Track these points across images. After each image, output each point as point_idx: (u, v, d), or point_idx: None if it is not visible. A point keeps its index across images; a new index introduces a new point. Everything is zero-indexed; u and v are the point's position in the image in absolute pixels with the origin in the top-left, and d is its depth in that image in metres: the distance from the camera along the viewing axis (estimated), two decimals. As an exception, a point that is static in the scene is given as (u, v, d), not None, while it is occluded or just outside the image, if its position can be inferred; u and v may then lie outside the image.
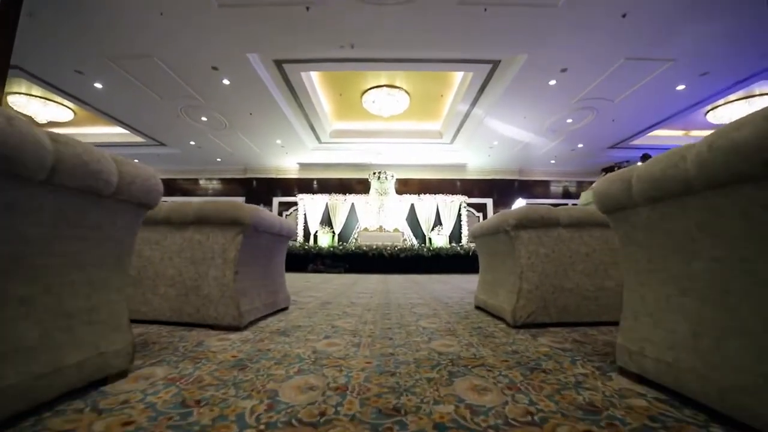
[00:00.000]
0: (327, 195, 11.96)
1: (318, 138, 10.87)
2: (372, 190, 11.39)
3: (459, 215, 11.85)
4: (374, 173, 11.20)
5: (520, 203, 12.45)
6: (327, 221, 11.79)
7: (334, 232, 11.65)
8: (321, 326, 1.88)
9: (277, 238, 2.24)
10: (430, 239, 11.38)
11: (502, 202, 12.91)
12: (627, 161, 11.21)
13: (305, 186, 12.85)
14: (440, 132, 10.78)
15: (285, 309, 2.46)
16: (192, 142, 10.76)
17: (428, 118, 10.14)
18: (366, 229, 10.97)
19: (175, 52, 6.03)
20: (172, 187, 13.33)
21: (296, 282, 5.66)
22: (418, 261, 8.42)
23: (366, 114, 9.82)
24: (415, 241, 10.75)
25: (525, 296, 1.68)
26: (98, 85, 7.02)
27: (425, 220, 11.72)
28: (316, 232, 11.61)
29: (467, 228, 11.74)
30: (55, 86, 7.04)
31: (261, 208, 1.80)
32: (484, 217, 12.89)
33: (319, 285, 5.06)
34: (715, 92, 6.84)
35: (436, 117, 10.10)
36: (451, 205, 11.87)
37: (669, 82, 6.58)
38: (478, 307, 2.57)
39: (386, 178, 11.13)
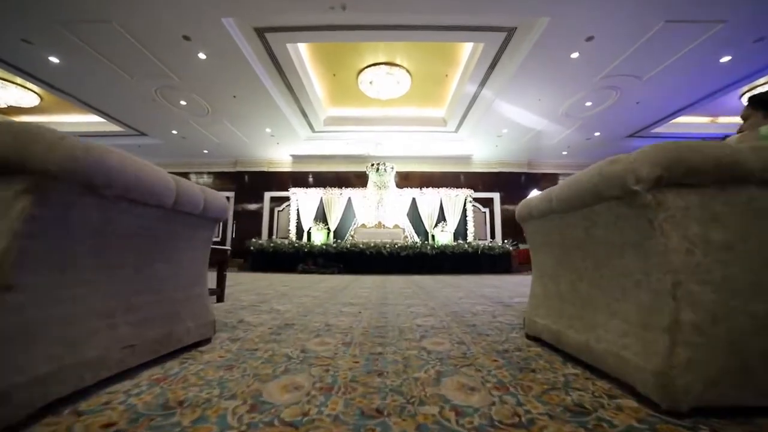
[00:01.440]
0: (322, 189, 11.09)
1: (311, 126, 10.00)
2: (370, 184, 10.51)
3: (464, 210, 10.97)
4: (372, 165, 10.32)
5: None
6: (322, 217, 10.92)
7: (329, 229, 10.78)
8: (225, 404, 0.92)
9: (181, 219, 1.32)
10: (433, 236, 10.52)
11: (511, 197, 12.03)
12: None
13: (299, 180, 11.97)
14: (444, 119, 9.90)
15: (201, 344, 1.52)
16: (174, 131, 9.89)
17: (431, 103, 9.27)
18: (363, 226, 10.11)
19: (138, 16, 5.15)
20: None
21: (273, 285, 4.79)
22: (420, 260, 7.56)
23: (363, 98, 8.94)
24: (417, 239, 9.89)
25: (690, 340, 0.79)
26: (54, 59, 6.13)
27: (428, 216, 10.85)
28: (310, 228, 10.74)
29: (473, 224, 10.88)
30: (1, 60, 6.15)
31: (112, 150, 0.90)
32: (491, 213, 12.03)
33: (300, 290, 4.18)
34: (765, 65, 5.95)
35: (440, 102, 9.22)
36: (455, 199, 11.00)
37: (712, 52, 5.68)
38: (534, 338, 1.63)
39: (385, 170, 10.26)
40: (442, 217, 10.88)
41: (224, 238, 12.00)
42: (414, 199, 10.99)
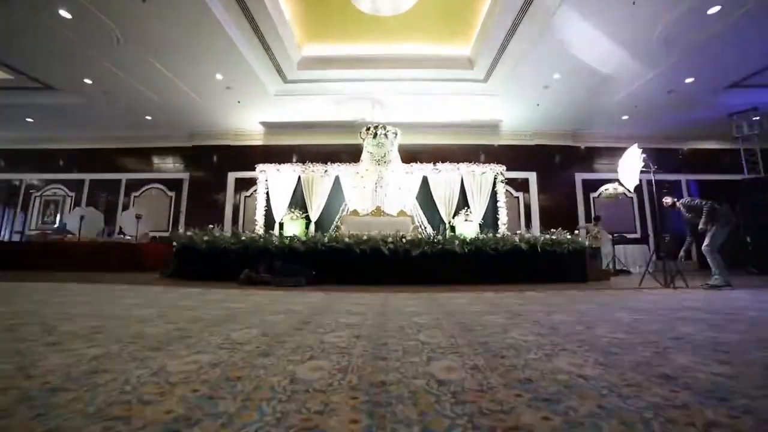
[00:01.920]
0: (300, 166, 8.19)
1: (281, 72, 7.11)
2: (365, 156, 7.62)
3: (494, 193, 8.07)
4: (367, 129, 7.44)
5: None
6: (300, 203, 8.03)
7: (308, 219, 7.89)
8: None
9: None
10: (453, 228, 7.63)
11: (551, 178, 9.13)
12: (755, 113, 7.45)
13: (274, 156, 9.05)
14: (470, 59, 7.00)
15: None
16: (87, 80, 7.00)
17: (453, 34, 6.39)
18: (356, 213, 7.20)
19: None
20: (99, 161, 9.58)
21: (153, 326, 1.87)
22: (444, 263, 4.66)
23: (353, 24, 6.05)
24: (431, 230, 7.03)
25: None
26: None
27: (445, 201, 7.95)
28: (283, 218, 7.84)
29: (506, 211, 7.97)
30: None
31: None
32: (526, 198, 9.11)
33: (158, 345, 1.24)
34: None
35: (465, 31, 6.33)
36: (482, 178, 8.10)
37: None
38: None
39: (386, 135, 7.37)
40: (464, 203, 7.99)
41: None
42: (425, 179, 8.10)
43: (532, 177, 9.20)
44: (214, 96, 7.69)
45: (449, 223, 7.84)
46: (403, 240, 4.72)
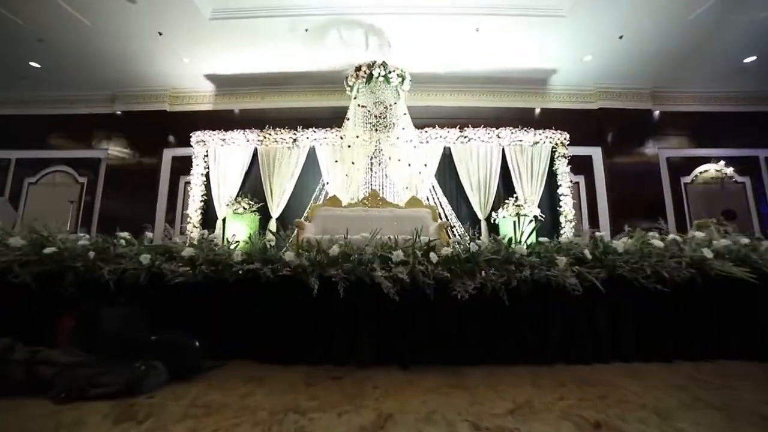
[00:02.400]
0: (257, 134, 5.42)
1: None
2: (354, 113, 4.85)
3: (552, 172, 5.31)
4: (358, 70, 4.67)
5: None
6: (257, 189, 5.27)
7: (270, 214, 5.13)
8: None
9: None
10: (496, 225, 4.87)
11: (623, 155, 6.33)
12: None
13: (227, 125, 6.23)
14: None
15: None
16: None
17: None
18: (336, 201, 4.36)
19: None
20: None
21: None
22: (539, 316, 1.85)
23: None
24: (461, 231, 4.27)
25: None
26: None
27: (478, 184, 5.19)
28: (236, 210, 5.03)
29: (570, 201, 5.20)
30: None
31: None
32: (589, 182, 6.30)
33: None
34: None
35: None
36: (533, 151, 5.33)
37: None
38: None
39: (386, 78, 4.60)
40: (507, 187, 5.23)
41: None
42: (447, 152, 5.33)
43: (596, 154, 6.42)
44: (120, 24, 4.94)
45: (482, 216, 5.07)
46: (432, 257, 1.92)
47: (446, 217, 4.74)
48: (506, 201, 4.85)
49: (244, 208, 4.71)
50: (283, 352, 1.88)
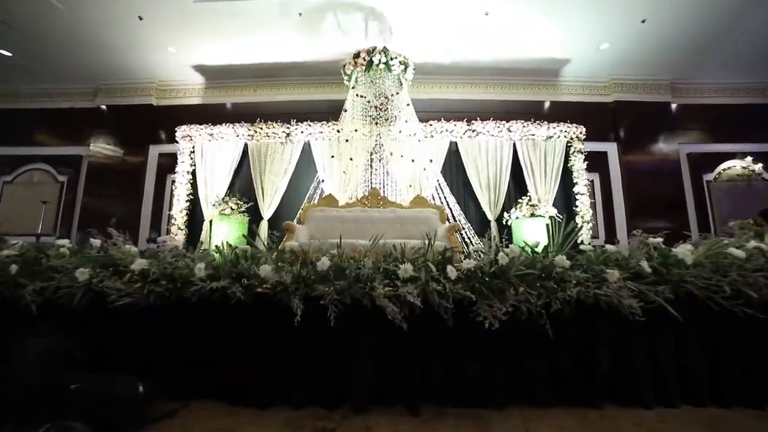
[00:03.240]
0: (247, 128, 5.01)
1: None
2: (352, 104, 4.43)
3: (567, 169, 4.90)
4: (356, 56, 4.25)
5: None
6: (247, 188, 4.86)
7: (261, 215, 4.72)
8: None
9: None
10: (508, 226, 4.45)
11: (640, 151, 5.91)
12: None
13: (217, 119, 5.81)
14: None
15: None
16: None
17: None
18: (330, 200, 3.92)
19: None
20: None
21: None
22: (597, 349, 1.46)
23: None
24: (470, 233, 3.83)
25: None
26: None
27: (488, 182, 4.77)
28: (223, 211, 4.60)
29: (589, 201, 4.79)
30: None
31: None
32: (604, 179, 5.88)
33: None
34: None
35: None
36: (546, 147, 4.92)
37: None
38: None
39: (387, 66, 4.18)
40: (518, 185, 4.81)
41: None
42: (454, 147, 4.92)
43: (611, 150, 5.99)
44: (97, 9, 4.52)
45: (492, 217, 4.65)
46: (449, 271, 1.49)
47: (454, 218, 4.32)
48: (519, 200, 4.43)
49: (231, 208, 4.30)
50: (258, 391, 1.47)
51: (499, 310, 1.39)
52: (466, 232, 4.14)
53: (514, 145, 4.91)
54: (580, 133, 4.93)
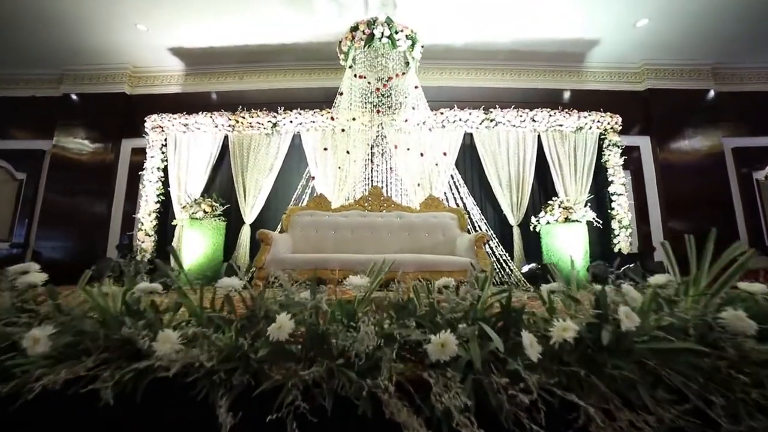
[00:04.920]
0: (227, 116, 4.29)
1: None
2: (348, 87, 3.71)
3: (600, 164, 4.18)
4: (354, 29, 3.54)
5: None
6: (226, 188, 4.15)
7: (242, 219, 3.99)
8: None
9: None
10: (537, 231, 3.72)
11: (677, 145, 5.19)
12: None
13: (197, 110, 5.09)
14: None
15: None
16: None
17: None
18: (322, 202, 3.18)
19: None
20: None
21: None
22: None
23: None
24: (488, 235, 3.11)
25: None
26: None
27: (509, 180, 4.05)
28: (194, 215, 3.86)
29: (626, 202, 4.06)
30: None
31: None
32: (635, 176, 5.14)
33: None
34: None
35: None
36: (575, 138, 4.20)
37: None
38: None
39: (391, 41, 3.46)
40: (543, 186, 4.10)
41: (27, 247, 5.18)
42: (468, 139, 4.20)
43: (644, 144, 5.26)
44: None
45: (515, 221, 3.93)
46: (528, 342, 0.78)
47: (474, 224, 3.59)
48: (549, 202, 3.70)
49: (204, 211, 3.57)
50: None
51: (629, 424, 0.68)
52: (495, 246, 3.42)
53: (539, 137, 4.19)
54: (616, 123, 4.21)
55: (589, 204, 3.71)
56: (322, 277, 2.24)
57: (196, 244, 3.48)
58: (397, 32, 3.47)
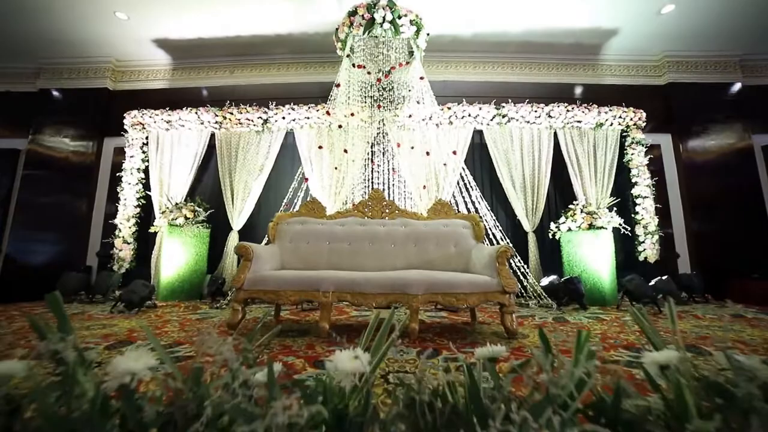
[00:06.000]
0: (213, 112, 3.92)
1: None
2: (345, 78, 3.33)
3: (622, 163, 3.80)
4: (352, 14, 3.16)
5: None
6: (211, 191, 3.77)
7: (230, 225, 3.62)
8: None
9: None
10: (556, 238, 3.34)
11: (702, 143, 4.81)
12: None
13: (184, 106, 4.72)
14: None
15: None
16: None
17: None
18: (314, 207, 2.80)
19: None
20: None
21: None
22: None
23: None
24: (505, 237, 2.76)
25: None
26: None
27: (522, 182, 3.67)
28: (174, 221, 3.47)
29: (652, 206, 3.68)
30: None
31: None
32: (656, 176, 4.75)
33: None
34: None
35: None
36: (595, 136, 3.82)
37: None
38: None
39: (393, 26, 3.09)
40: (559, 188, 3.72)
41: None
42: (479, 137, 3.83)
43: (665, 142, 4.88)
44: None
45: (530, 226, 3.55)
46: None
47: (487, 232, 3.21)
48: (569, 206, 3.31)
49: (185, 217, 3.20)
50: None
51: None
52: (518, 260, 3.04)
53: (555, 134, 3.82)
54: (639, 118, 3.84)
55: (615, 208, 3.32)
56: (312, 300, 1.86)
57: (176, 253, 3.11)
58: (400, 17, 3.09)
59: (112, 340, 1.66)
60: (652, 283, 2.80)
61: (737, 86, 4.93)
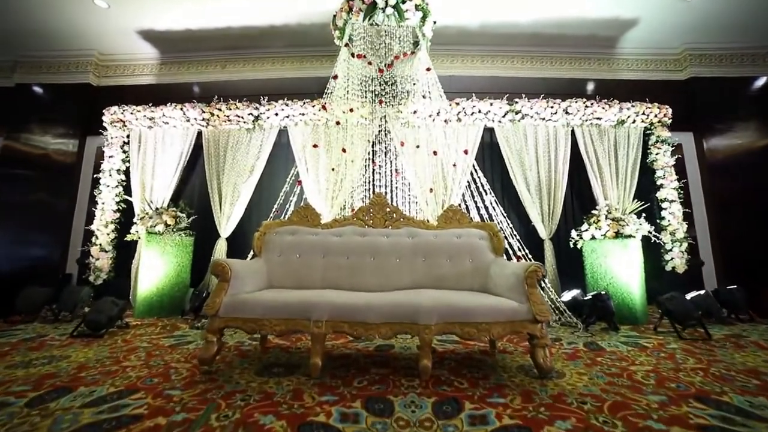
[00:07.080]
0: (200, 109, 3.59)
1: None
2: (344, 70, 3.00)
3: (644, 166, 3.48)
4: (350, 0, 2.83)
5: None
6: (198, 195, 3.45)
7: (218, 232, 3.29)
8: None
9: None
10: (577, 246, 3.01)
11: (726, 142, 4.48)
12: None
13: (169, 102, 4.39)
14: None
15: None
16: None
17: None
18: (307, 214, 2.48)
19: None
20: None
21: None
22: None
23: None
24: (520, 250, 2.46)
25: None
26: None
27: (538, 185, 3.35)
28: (153, 228, 3.13)
29: (680, 211, 3.35)
30: None
31: None
32: (678, 176, 4.43)
33: None
34: None
35: None
36: (616, 134, 3.49)
37: None
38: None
39: (397, 12, 2.76)
40: (576, 191, 3.39)
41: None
42: (489, 135, 3.50)
43: (686, 141, 4.54)
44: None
45: (547, 233, 3.23)
46: None
47: (505, 242, 2.88)
48: (592, 212, 2.98)
49: (166, 224, 2.87)
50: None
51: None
52: (545, 277, 2.72)
53: (572, 132, 3.49)
54: (665, 115, 3.51)
55: (644, 214, 2.99)
56: (301, 330, 1.54)
57: (155, 265, 2.78)
58: (404, 1, 2.77)
59: (47, 385, 1.33)
60: (689, 297, 2.48)
61: (760, 80, 4.60)
